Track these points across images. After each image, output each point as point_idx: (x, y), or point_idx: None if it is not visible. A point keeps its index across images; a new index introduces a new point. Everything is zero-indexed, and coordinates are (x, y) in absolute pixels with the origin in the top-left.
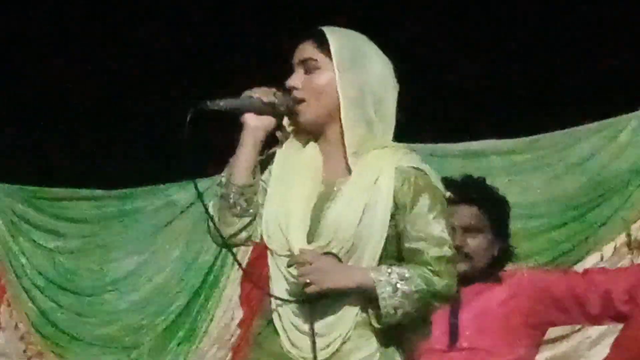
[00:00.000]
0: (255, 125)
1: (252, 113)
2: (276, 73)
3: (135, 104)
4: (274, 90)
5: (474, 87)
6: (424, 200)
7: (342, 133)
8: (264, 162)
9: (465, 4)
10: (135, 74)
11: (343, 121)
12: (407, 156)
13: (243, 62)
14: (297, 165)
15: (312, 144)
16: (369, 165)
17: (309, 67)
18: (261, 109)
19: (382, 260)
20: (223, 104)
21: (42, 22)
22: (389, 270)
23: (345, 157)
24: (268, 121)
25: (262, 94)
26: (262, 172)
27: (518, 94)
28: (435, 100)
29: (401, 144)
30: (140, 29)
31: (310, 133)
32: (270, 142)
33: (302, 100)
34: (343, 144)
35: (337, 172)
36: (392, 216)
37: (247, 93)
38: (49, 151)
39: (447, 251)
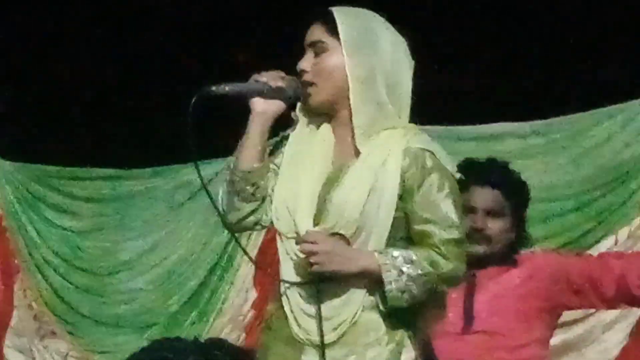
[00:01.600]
0: (262, 109)
1: (259, 97)
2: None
3: (154, 83)
4: (282, 74)
5: (490, 70)
6: (432, 182)
7: (352, 115)
8: (278, 144)
9: None
10: (153, 52)
11: (352, 103)
12: (416, 137)
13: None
14: (309, 148)
15: (325, 126)
16: (378, 146)
17: (318, 49)
18: (269, 94)
19: (390, 242)
20: (229, 88)
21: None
22: (395, 253)
23: (352, 137)
24: (276, 106)
25: (270, 78)
26: (274, 155)
27: (534, 76)
28: (451, 82)
29: (412, 125)
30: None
31: (323, 114)
32: (284, 125)
33: (312, 83)
34: (352, 126)
35: (347, 154)
36: (400, 198)
37: (255, 77)
38: (64, 130)
39: (455, 233)
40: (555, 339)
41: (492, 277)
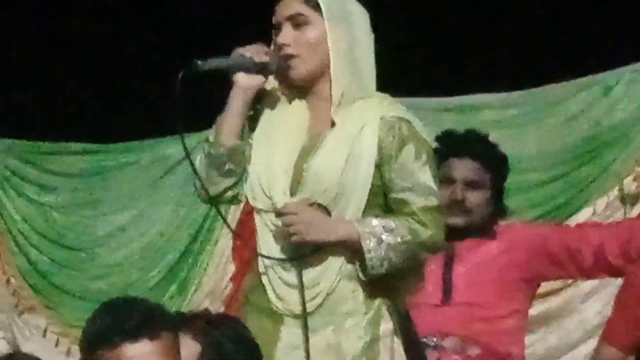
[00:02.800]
0: (245, 84)
1: (242, 72)
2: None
3: (130, 57)
4: (265, 48)
5: (466, 41)
6: (409, 150)
7: (331, 87)
8: (253, 119)
9: None
10: (130, 27)
11: (332, 74)
12: (392, 106)
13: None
14: (281, 123)
15: (297, 101)
16: (354, 115)
17: (299, 22)
18: (252, 68)
19: (367, 211)
20: (214, 63)
21: None
22: (374, 222)
23: (328, 108)
24: (258, 80)
25: (254, 52)
26: (251, 130)
27: (510, 47)
28: (428, 53)
29: (385, 94)
30: None
31: (300, 89)
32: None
33: (294, 56)
34: (331, 98)
35: (322, 124)
36: (377, 167)
37: (239, 51)
38: (42, 105)
39: (433, 200)
40: (534, 310)
41: (470, 248)
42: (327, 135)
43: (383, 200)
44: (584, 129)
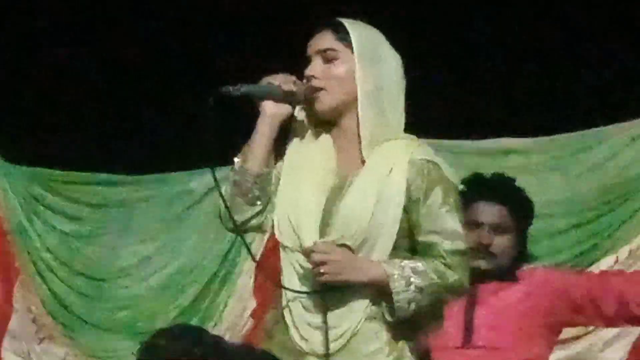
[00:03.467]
0: (273, 112)
1: (270, 100)
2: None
3: (156, 90)
4: (293, 78)
5: (493, 85)
6: (437, 193)
7: (356, 124)
8: (279, 149)
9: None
10: (157, 59)
11: (360, 112)
12: (420, 148)
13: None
14: (309, 158)
15: (324, 136)
16: (383, 156)
17: (329, 56)
18: (280, 97)
19: (393, 253)
20: (244, 89)
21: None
22: (402, 263)
23: (359, 149)
24: (285, 109)
25: (282, 81)
26: (276, 160)
27: (539, 92)
28: (455, 96)
29: (413, 136)
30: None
31: (326, 124)
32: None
33: (321, 89)
34: (357, 136)
35: (351, 164)
36: (405, 209)
37: (267, 79)
38: (68, 134)
39: (460, 244)
40: (555, 356)
41: (493, 292)
42: (355, 176)
43: (408, 242)
44: (610, 177)
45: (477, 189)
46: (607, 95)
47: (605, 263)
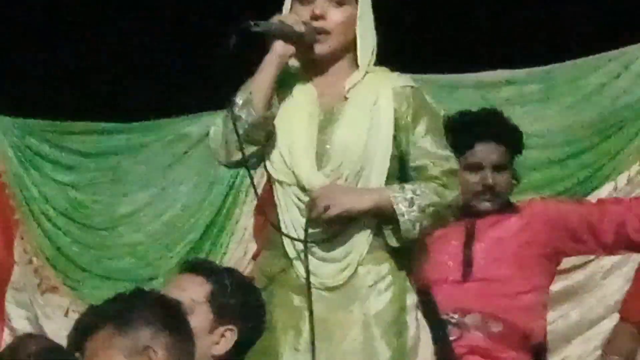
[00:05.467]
0: (282, 52)
1: (281, 40)
2: None
3: (152, 34)
4: (301, 19)
5: (484, 18)
6: (424, 118)
7: (341, 61)
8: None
9: None
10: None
11: (360, 54)
12: (400, 77)
13: None
14: (294, 97)
15: (303, 75)
16: (366, 88)
17: (336, 0)
18: (292, 38)
19: (387, 181)
20: (262, 26)
21: None
22: (403, 186)
23: (342, 85)
24: (291, 50)
25: (293, 21)
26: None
27: (530, 22)
28: (447, 30)
29: (383, 67)
30: None
31: (310, 65)
32: None
33: (326, 32)
34: (339, 70)
35: (333, 98)
36: (394, 137)
37: (279, 18)
38: (62, 84)
39: (453, 163)
40: (555, 286)
41: (491, 225)
42: (341, 108)
43: (398, 170)
44: (604, 105)
45: (472, 129)
46: (599, 23)
47: (604, 191)
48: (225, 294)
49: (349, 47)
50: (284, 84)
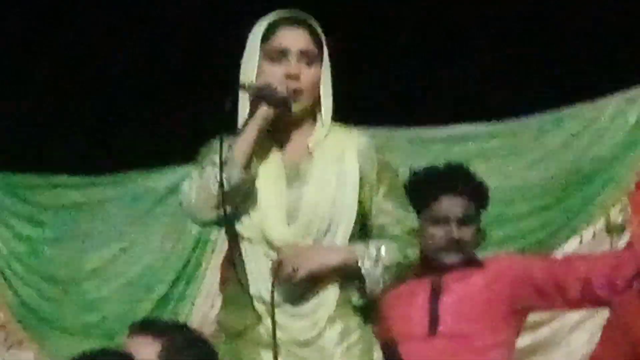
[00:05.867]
0: (267, 116)
1: (266, 104)
2: None
3: (119, 88)
4: (275, 79)
5: (450, 73)
6: (387, 178)
7: (304, 121)
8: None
9: None
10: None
11: (324, 112)
12: (361, 135)
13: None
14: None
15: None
16: (330, 145)
17: (309, 59)
18: (274, 100)
19: (350, 238)
20: (254, 88)
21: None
22: (367, 245)
23: (304, 140)
24: (272, 114)
25: (280, 85)
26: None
27: (496, 76)
28: (415, 85)
29: (340, 123)
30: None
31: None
32: None
33: (301, 91)
34: (302, 127)
35: (298, 154)
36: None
37: (267, 82)
38: (27, 137)
39: (413, 222)
40: (522, 341)
41: (457, 280)
42: (308, 165)
43: (359, 227)
44: (569, 160)
45: (438, 183)
46: (564, 77)
47: (569, 246)
48: (176, 351)
49: (314, 106)
50: None
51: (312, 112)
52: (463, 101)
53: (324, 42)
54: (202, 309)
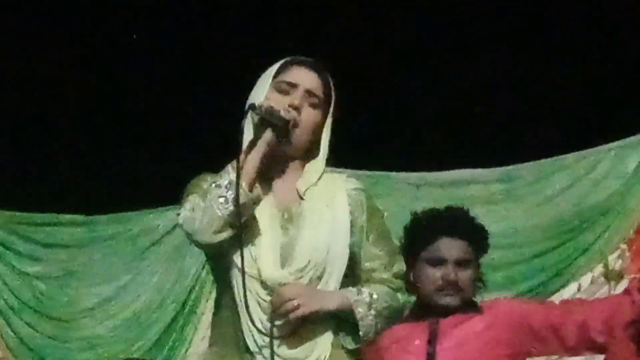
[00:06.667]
0: (270, 140)
1: (272, 129)
2: None
3: (114, 130)
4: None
5: (454, 117)
6: (377, 223)
7: (295, 164)
8: None
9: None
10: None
11: (321, 157)
12: (349, 179)
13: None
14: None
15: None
16: (321, 189)
17: (312, 101)
18: (278, 125)
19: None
20: (264, 110)
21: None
22: (360, 290)
23: (293, 183)
24: (275, 140)
25: (286, 114)
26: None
27: (498, 123)
28: (413, 129)
29: (329, 168)
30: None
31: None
32: None
33: (297, 126)
34: (294, 171)
35: (289, 197)
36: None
37: (271, 105)
38: (29, 176)
39: (402, 268)
40: None
41: (455, 324)
42: (301, 209)
43: (348, 270)
44: (568, 206)
45: (436, 225)
46: (564, 124)
47: (568, 291)
48: None
49: (306, 149)
50: None
51: (302, 155)
52: (466, 146)
53: (333, 93)
54: (199, 349)
